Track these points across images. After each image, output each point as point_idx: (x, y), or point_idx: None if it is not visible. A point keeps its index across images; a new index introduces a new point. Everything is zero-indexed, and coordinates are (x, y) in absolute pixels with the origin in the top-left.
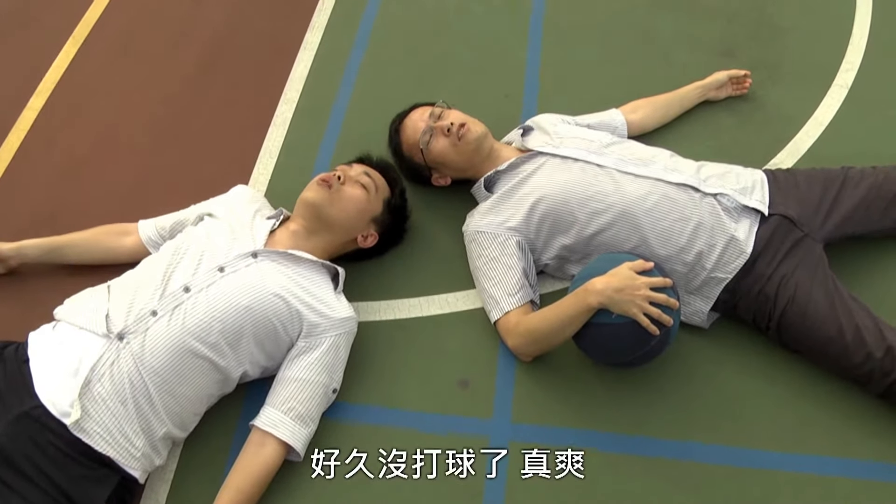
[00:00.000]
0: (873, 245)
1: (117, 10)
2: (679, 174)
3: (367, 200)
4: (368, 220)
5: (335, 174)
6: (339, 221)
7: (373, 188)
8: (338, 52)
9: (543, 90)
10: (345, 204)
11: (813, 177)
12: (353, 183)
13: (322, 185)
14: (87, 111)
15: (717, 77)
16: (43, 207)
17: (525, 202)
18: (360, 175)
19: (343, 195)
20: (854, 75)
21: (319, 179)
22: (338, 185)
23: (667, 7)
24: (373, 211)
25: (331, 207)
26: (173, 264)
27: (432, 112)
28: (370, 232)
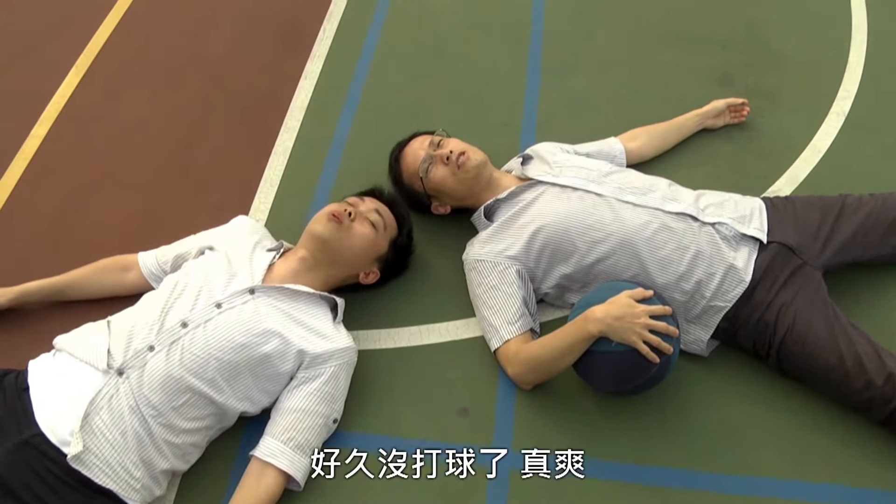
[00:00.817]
0: (872, 272)
1: (120, 40)
2: (677, 203)
3: (374, 239)
4: (373, 258)
5: (346, 209)
6: (345, 258)
7: (381, 227)
8: (339, 82)
9: (542, 119)
10: (353, 242)
11: (811, 204)
12: (362, 220)
13: (332, 220)
14: (90, 140)
15: (715, 105)
16: (45, 235)
17: (525, 231)
18: (371, 212)
19: (352, 233)
20: (851, 103)
21: (330, 214)
22: (348, 221)
23: (664, 36)
24: (379, 250)
25: (338, 244)
26: (171, 299)
27: (432, 141)
28: (373, 269)
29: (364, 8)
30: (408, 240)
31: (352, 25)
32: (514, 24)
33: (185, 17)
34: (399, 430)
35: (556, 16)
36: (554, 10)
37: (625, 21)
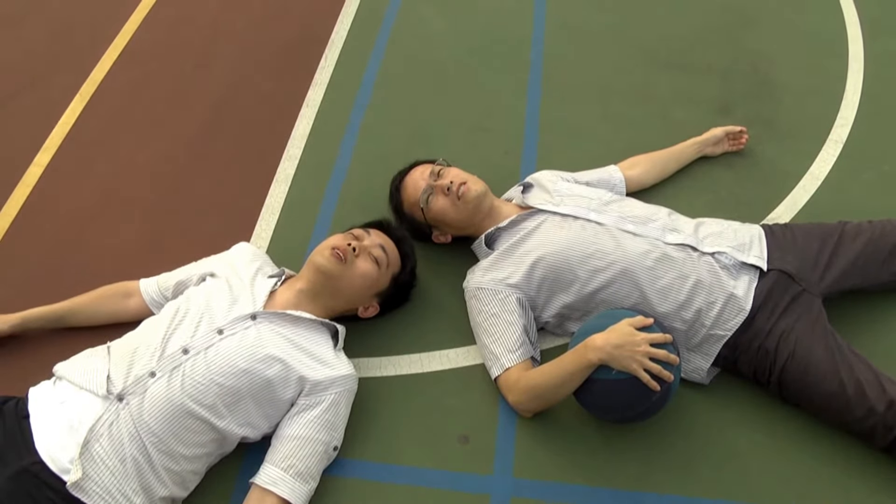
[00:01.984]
0: (872, 299)
1: (123, 68)
2: (677, 234)
3: (376, 277)
4: (373, 294)
5: (350, 245)
6: (345, 293)
7: (385, 263)
8: (340, 110)
9: (542, 146)
10: (355, 279)
11: (810, 232)
12: (366, 256)
13: (335, 256)
14: (93, 168)
15: (714, 133)
16: (47, 262)
17: (526, 260)
18: (375, 247)
19: (355, 270)
20: (848, 130)
21: (333, 248)
22: (351, 257)
23: (663, 65)
24: (380, 287)
25: (340, 279)
26: (173, 326)
27: (433, 170)
28: (372, 304)
29: (365, 36)
30: (410, 277)
31: (353, 53)
32: (513, 52)
33: (188, 46)
34: (399, 457)
35: (556, 43)
36: (554, 38)
37: (625, 49)
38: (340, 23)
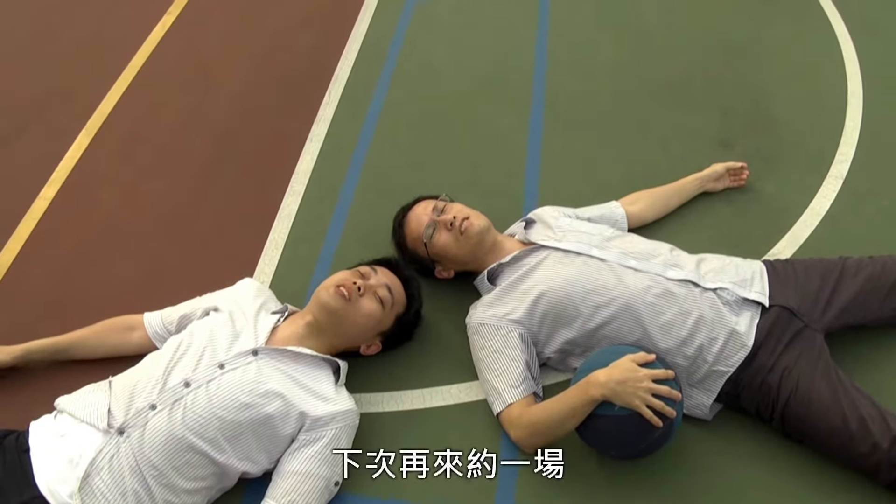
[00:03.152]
0: (874, 334)
1: (129, 103)
2: (679, 270)
3: (381, 316)
4: (377, 333)
5: (356, 285)
6: (349, 332)
7: (389, 303)
8: (343, 145)
9: (544, 182)
10: (358, 318)
11: (811, 267)
12: (371, 295)
13: (339, 293)
14: (98, 201)
15: (715, 169)
16: (51, 295)
17: (528, 295)
18: (381, 287)
19: (359, 309)
20: (848, 166)
21: (338, 286)
22: (357, 296)
23: (664, 100)
24: (383, 326)
25: (344, 318)
26: (175, 359)
27: (435, 206)
28: (374, 342)
29: (369, 72)
30: (415, 318)
31: (357, 89)
32: (516, 87)
33: (193, 81)
34: (401, 493)
35: (557, 78)
36: (555, 73)
37: (626, 84)
38: (344, 58)
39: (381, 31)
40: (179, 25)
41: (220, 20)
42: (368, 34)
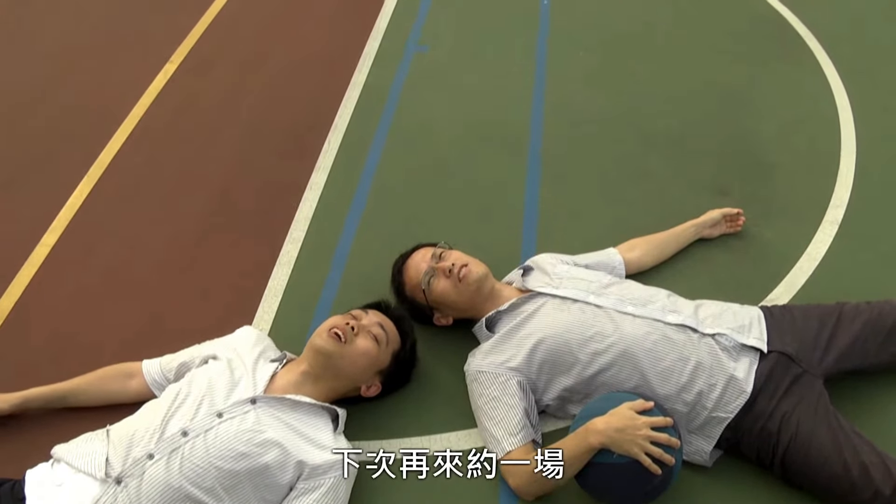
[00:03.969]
0: (874, 379)
1: (131, 151)
2: (677, 315)
3: (377, 354)
4: (374, 372)
5: (349, 325)
6: (347, 373)
7: (384, 341)
8: (343, 193)
9: (542, 229)
10: (355, 357)
11: (809, 313)
12: (365, 334)
13: (333, 336)
14: (98, 249)
15: (711, 215)
16: (50, 342)
17: (526, 343)
18: (374, 325)
19: (354, 348)
20: (843, 211)
21: (332, 329)
22: (351, 336)
23: (660, 148)
24: (381, 364)
25: (341, 359)
26: (173, 408)
27: (434, 253)
28: (374, 383)
29: (368, 121)
30: (411, 354)
31: (356, 138)
32: (513, 136)
33: (194, 129)
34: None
35: (555, 127)
36: (553, 122)
37: (622, 133)
38: (344, 107)
39: (380, 80)
40: (181, 74)
41: (220, 69)
42: (367, 83)
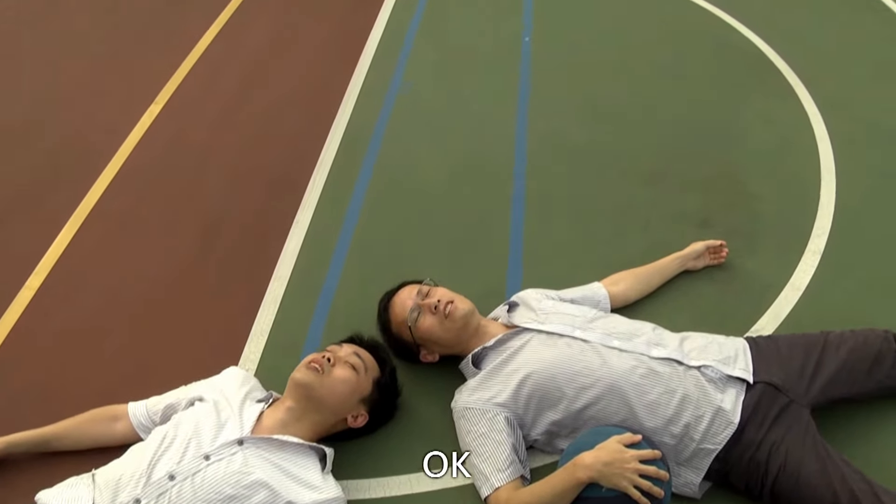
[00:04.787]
0: (861, 407)
1: (116, 192)
2: (662, 349)
3: (356, 381)
4: (358, 400)
5: (325, 356)
6: (330, 403)
7: (362, 368)
8: (328, 231)
9: (528, 265)
10: (335, 386)
11: (794, 342)
12: (342, 364)
13: (311, 369)
14: (83, 290)
15: (695, 247)
16: (35, 385)
17: (513, 378)
18: (350, 355)
19: (333, 377)
20: (825, 241)
21: (309, 362)
22: (328, 367)
23: (642, 181)
24: (362, 391)
25: (321, 389)
26: (160, 451)
27: (420, 290)
28: (360, 412)
29: (352, 158)
30: (391, 379)
31: (341, 175)
32: (497, 172)
33: (179, 169)
34: None
35: (537, 160)
36: (536, 155)
37: (605, 166)
38: (329, 145)
39: (363, 119)
40: (166, 114)
41: (206, 108)
42: (351, 121)
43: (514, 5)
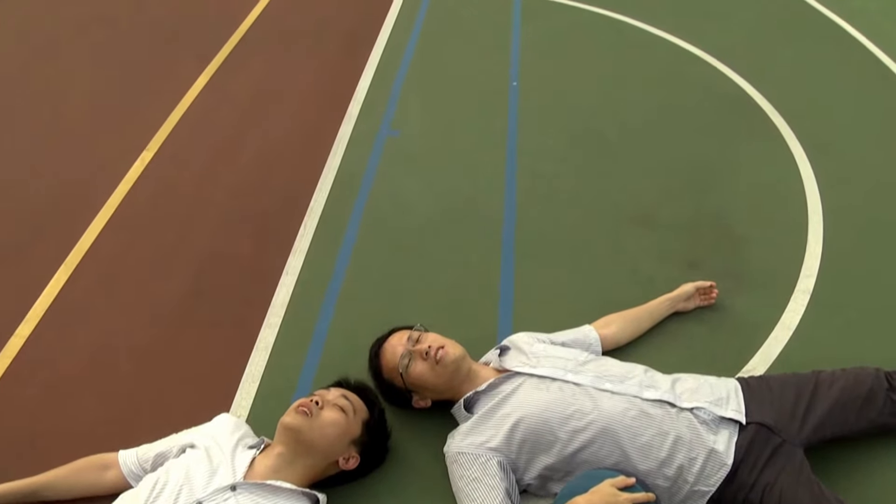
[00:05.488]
0: (854, 446)
1: (108, 238)
2: (654, 390)
3: (346, 423)
4: (348, 442)
5: (313, 400)
6: (320, 445)
7: (351, 410)
8: (319, 277)
9: (518, 308)
10: (324, 428)
11: (785, 382)
12: (331, 407)
13: (300, 412)
14: (74, 338)
15: (685, 289)
16: (25, 434)
17: (505, 423)
18: (338, 398)
19: (322, 420)
20: (814, 281)
21: (298, 406)
22: (316, 410)
23: (631, 223)
24: (352, 433)
25: (310, 432)
26: (151, 498)
27: (410, 336)
28: (351, 454)
29: (342, 204)
30: (380, 420)
31: (331, 221)
32: (486, 214)
33: (170, 216)
34: None
35: (527, 202)
36: (525, 197)
37: (594, 207)
38: (319, 192)
39: (353, 165)
40: (157, 162)
41: (197, 156)
42: (341, 167)
43: (503, 50)
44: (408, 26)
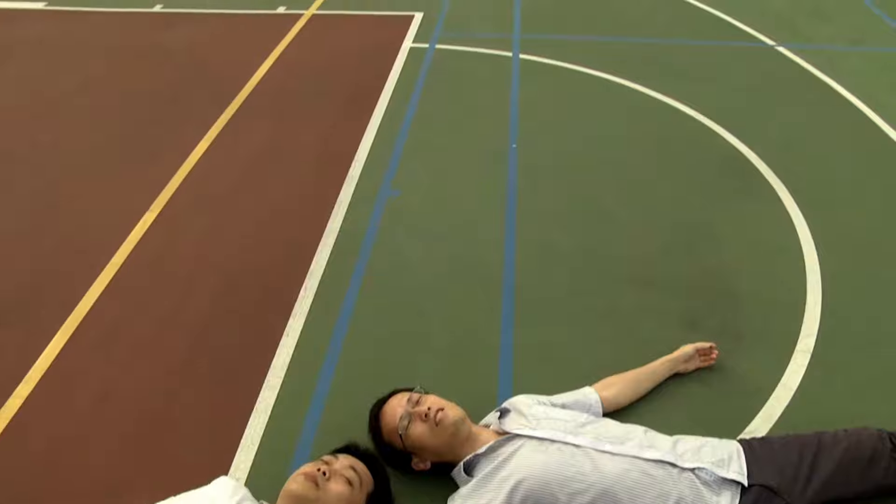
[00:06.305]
0: None
1: (108, 301)
2: (655, 451)
3: (351, 497)
4: None
5: (320, 469)
6: None
7: (357, 483)
8: (319, 339)
9: (518, 371)
10: (329, 501)
11: (788, 444)
12: (338, 478)
13: (308, 480)
14: (73, 399)
15: (685, 350)
16: (22, 496)
17: (506, 485)
18: (346, 469)
19: (329, 492)
20: (814, 340)
21: (304, 475)
22: (323, 480)
23: (629, 283)
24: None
25: (316, 502)
26: None
27: (410, 398)
28: None
29: (343, 266)
30: (385, 492)
31: (332, 283)
32: (486, 276)
33: (171, 278)
34: None
35: (526, 265)
36: (524, 259)
37: (593, 268)
38: (320, 253)
39: (354, 226)
40: (159, 224)
41: (198, 218)
42: (343, 228)
43: (502, 111)
44: (409, 88)
